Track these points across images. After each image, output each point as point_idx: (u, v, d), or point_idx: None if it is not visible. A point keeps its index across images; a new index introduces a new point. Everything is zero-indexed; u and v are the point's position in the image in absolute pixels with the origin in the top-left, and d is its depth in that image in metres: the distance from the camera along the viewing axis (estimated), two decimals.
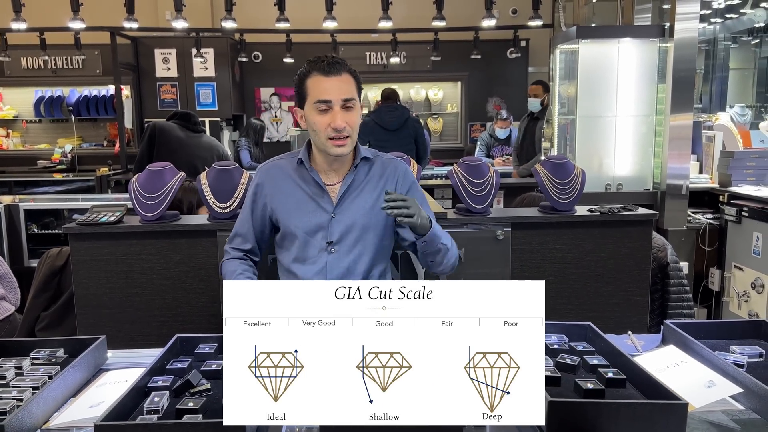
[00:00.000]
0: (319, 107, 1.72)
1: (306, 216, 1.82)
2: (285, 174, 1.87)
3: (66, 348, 1.38)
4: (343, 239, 1.81)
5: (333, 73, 1.73)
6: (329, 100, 1.71)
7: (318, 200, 1.82)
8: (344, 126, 1.71)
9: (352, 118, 1.74)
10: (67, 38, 6.57)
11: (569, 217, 2.27)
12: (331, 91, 1.72)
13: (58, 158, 7.34)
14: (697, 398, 1.13)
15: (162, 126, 4.00)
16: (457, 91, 8.19)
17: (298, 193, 1.84)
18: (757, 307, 3.70)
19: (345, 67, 1.76)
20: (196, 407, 1.08)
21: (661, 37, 4.09)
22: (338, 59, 1.77)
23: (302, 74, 1.78)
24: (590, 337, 1.40)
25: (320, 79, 1.73)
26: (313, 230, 1.82)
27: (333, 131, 1.72)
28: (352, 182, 1.83)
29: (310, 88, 1.75)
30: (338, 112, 1.71)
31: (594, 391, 1.12)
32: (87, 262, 2.19)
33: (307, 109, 1.77)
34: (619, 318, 2.28)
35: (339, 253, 1.81)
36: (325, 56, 1.77)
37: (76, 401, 1.22)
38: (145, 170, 2.27)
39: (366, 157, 1.86)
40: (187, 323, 2.23)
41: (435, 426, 1.01)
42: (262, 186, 1.89)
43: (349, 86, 1.74)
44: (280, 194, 1.86)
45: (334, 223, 1.81)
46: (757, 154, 4.18)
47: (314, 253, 1.82)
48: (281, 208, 1.85)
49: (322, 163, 1.83)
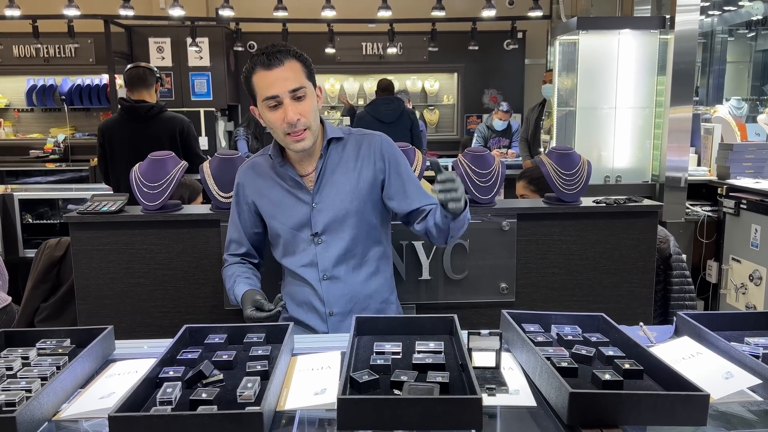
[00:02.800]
0: (269, 104, 1.65)
1: (287, 211, 1.78)
2: (262, 172, 1.83)
3: (73, 338, 1.36)
4: (328, 228, 1.76)
5: (275, 64, 1.62)
6: (276, 95, 1.63)
7: (296, 193, 1.78)
8: (297, 118, 1.64)
9: (306, 108, 1.66)
10: (60, 26, 6.48)
11: (575, 208, 2.26)
12: (276, 85, 1.62)
13: (50, 148, 7.26)
14: (716, 389, 1.12)
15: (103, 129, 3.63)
16: (453, 82, 8.16)
17: (276, 189, 1.80)
18: (755, 300, 3.72)
19: (288, 54, 1.65)
20: (210, 398, 1.07)
21: (661, 29, 4.08)
22: (280, 47, 1.66)
23: (247, 72, 1.69)
24: (603, 328, 1.39)
25: (263, 75, 1.64)
26: (297, 224, 1.78)
27: (288, 126, 1.65)
28: (325, 167, 1.76)
29: (256, 85, 1.67)
30: (288, 104, 1.63)
31: (612, 382, 1.11)
32: (88, 252, 2.16)
33: (260, 107, 1.70)
34: (624, 309, 2.28)
35: (326, 243, 1.77)
36: (266, 47, 1.67)
37: (86, 392, 1.19)
38: (146, 159, 2.24)
39: (336, 137, 1.78)
40: (190, 314, 2.20)
41: (455, 398, 1.00)
42: (243, 186, 1.85)
43: (295, 74, 1.64)
44: (259, 193, 1.82)
45: (315, 213, 1.77)
46: (755, 147, 4.19)
47: (303, 246, 1.79)
48: (263, 207, 1.82)
49: (293, 155, 1.77)
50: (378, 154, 1.79)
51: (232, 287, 1.81)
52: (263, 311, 1.64)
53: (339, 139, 1.79)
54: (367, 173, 1.78)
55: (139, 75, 3.64)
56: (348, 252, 1.78)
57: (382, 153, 1.79)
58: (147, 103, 3.59)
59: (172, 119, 3.61)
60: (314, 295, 1.81)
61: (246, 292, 1.73)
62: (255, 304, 1.65)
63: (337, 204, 1.76)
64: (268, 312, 1.63)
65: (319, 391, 1.17)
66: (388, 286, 1.89)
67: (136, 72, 3.66)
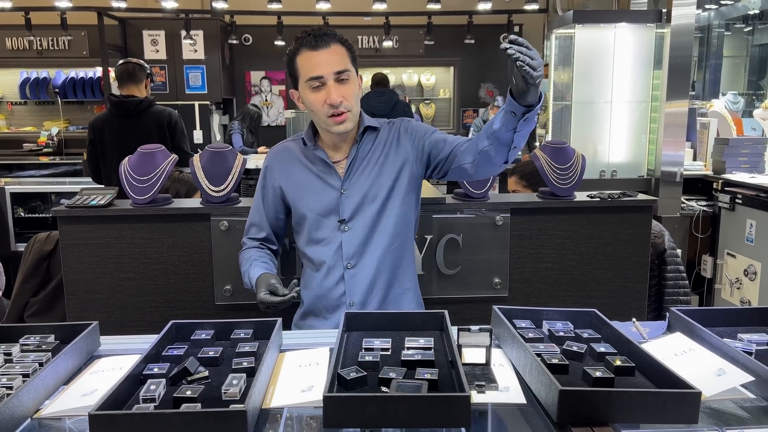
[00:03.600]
0: (312, 85, 1.65)
1: (315, 196, 1.75)
2: (292, 156, 1.81)
3: (57, 334, 1.34)
4: (356, 215, 1.74)
5: (321, 45, 1.63)
6: (321, 75, 1.63)
7: (325, 178, 1.75)
8: (340, 100, 1.64)
9: (349, 90, 1.66)
10: (53, 18, 6.43)
11: (569, 202, 2.24)
12: (321, 66, 1.63)
13: (44, 141, 7.22)
14: (708, 386, 1.10)
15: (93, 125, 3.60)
16: (449, 76, 8.14)
17: (305, 173, 1.78)
18: (750, 294, 3.71)
19: (334, 37, 1.66)
20: (194, 396, 1.04)
21: (657, 23, 4.05)
22: (326, 30, 1.67)
23: (291, 53, 1.69)
24: (596, 324, 1.37)
25: (309, 55, 1.64)
26: (324, 210, 1.75)
27: (330, 108, 1.64)
28: (356, 154, 1.75)
29: (301, 66, 1.67)
30: (332, 86, 1.63)
31: (603, 380, 1.09)
32: (76, 246, 2.14)
33: (302, 89, 1.69)
34: (618, 305, 2.27)
35: (353, 230, 1.74)
36: (312, 29, 1.67)
37: (69, 389, 1.17)
38: (136, 152, 2.21)
39: (371, 126, 1.77)
40: (180, 309, 2.18)
41: (443, 395, 0.98)
42: (271, 169, 1.83)
43: (340, 57, 1.65)
44: (288, 177, 1.79)
45: (344, 199, 1.74)
46: (751, 142, 4.18)
47: (328, 233, 1.75)
48: (290, 191, 1.79)
49: (327, 141, 1.77)
50: (403, 135, 1.78)
51: (247, 270, 1.78)
52: (277, 296, 1.60)
53: (374, 128, 1.78)
54: (396, 159, 1.76)
55: (128, 71, 3.62)
56: (374, 241, 1.75)
57: (406, 131, 1.79)
58: (136, 98, 3.56)
59: (161, 112, 3.60)
60: (335, 285, 1.77)
61: (261, 276, 1.70)
62: (269, 288, 1.62)
63: (366, 191, 1.73)
64: (282, 297, 1.59)
65: (306, 389, 1.15)
66: (410, 276, 1.85)
67: (125, 68, 3.63)
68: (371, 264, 1.75)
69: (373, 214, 1.74)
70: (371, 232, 1.74)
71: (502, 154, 1.60)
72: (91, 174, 3.69)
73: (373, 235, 1.74)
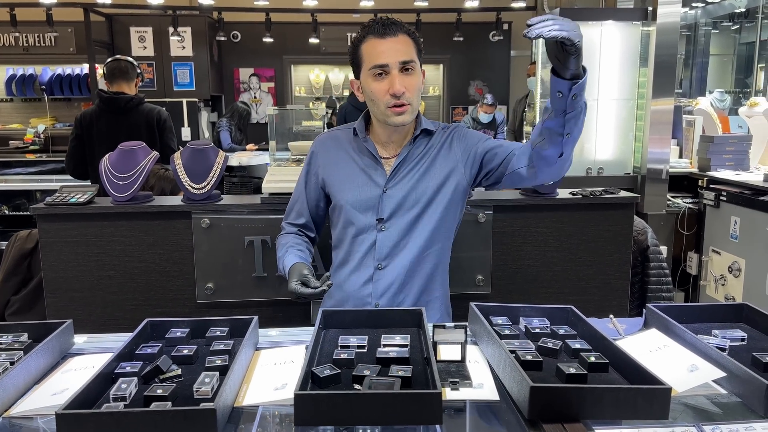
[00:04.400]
0: (376, 72, 1.60)
1: (356, 189, 1.70)
2: (340, 144, 1.76)
3: (30, 333, 1.33)
4: (395, 216, 1.68)
5: (389, 34, 1.59)
6: (386, 63, 1.58)
7: (370, 173, 1.70)
8: (403, 91, 1.58)
9: (413, 82, 1.61)
10: (38, 14, 6.37)
11: (551, 200, 2.24)
12: (387, 54, 1.58)
13: (30, 138, 7.15)
14: (680, 382, 1.11)
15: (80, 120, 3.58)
16: (438, 73, 8.13)
17: (351, 164, 1.73)
18: (734, 291, 3.74)
19: (402, 28, 1.62)
20: (165, 394, 1.04)
21: (643, 21, 4.07)
22: (394, 20, 1.63)
23: (356, 40, 1.65)
24: (572, 320, 1.37)
25: (375, 43, 1.60)
26: (363, 205, 1.70)
27: (392, 98, 1.59)
28: (408, 154, 1.70)
29: (365, 53, 1.62)
30: (396, 75, 1.58)
31: (576, 376, 1.09)
32: (56, 244, 2.12)
33: (363, 78, 1.64)
34: (600, 301, 2.28)
35: (390, 230, 1.68)
36: (380, 18, 1.64)
37: (40, 388, 1.16)
38: (116, 149, 2.20)
39: (427, 129, 1.73)
40: (162, 307, 2.17)
41: (414, 392, 0.98)
42: (316, 155, 1.79)
43: (407, 48, 1.61)
44: (332, 165, 1.75)
45: (385, 198, 1.68)
46: (736, 139, 4.20)
47: (363, 230, 1.70)
48: (332, 180, 1.74)
49: (380, 135, 1.72)
50: (455, 141, 1.73)
51: (282, 256, 1.72)
52: (308, 287, 1.55)
53: (429, 132, 1.74)
54: (444, 165, 1.71)
55: (121, 67, 3.60)
56: (410, 244, 1.69)
57: (459, 138, 1.74)
58: (126, 95, 3.55)
59: (150, 110, 3.59)
60: (363, 284, 1.72)
61: (294, 265, 1.64)
62: (301, 278, 1.57)
63: (407, 194, 1.68)
64: (313, 289, 1.53)
65: (279, 386, 1.15)
66: (441, 285, 1.78)
67: (117, 64, 3.61)
68: (402, 268, 1.70)
69: (411, 218, 1.68)
70: (406, 236, 1.69)
71: (556, 145, 1.50)
72: (71, 169, 3.64)
73: (409, 239, 1.69)
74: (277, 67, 7.94)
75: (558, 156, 1.52)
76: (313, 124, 3.06)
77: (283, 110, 3.00)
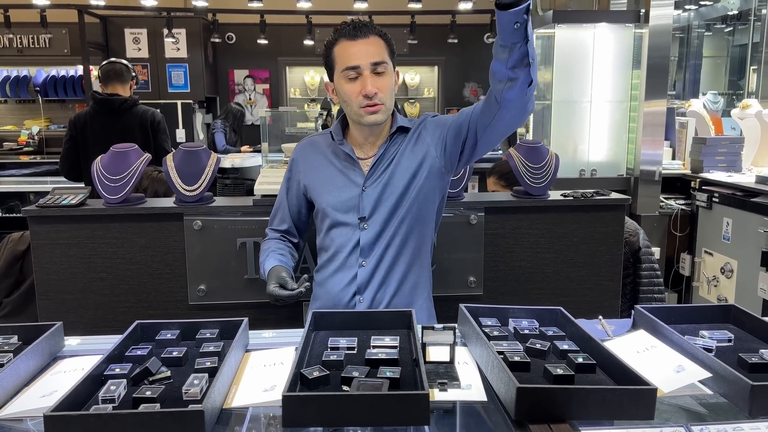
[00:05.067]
0: (348, 75, 1.63)
1: (335, 191, 1.73)
2: (318, 149, 1.80)
3: (20, 335, 1.33)
4: (375, 214, 1.71)
5: (360, 36, 1.63)
6: (357, 65, 1.62)
7: (348, 174, 1.73)
8: (375, 92, 1.62)
9: (384, 83, 1.64)
10: (32, 16, 6.35)
11: (542, 201, 2.25)
12: (358, 56, 1.62)
13: (25, 140, 7.14)
14: (666, 383, 1.12)
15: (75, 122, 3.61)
16: (434, 75, 8.16)
17: (329, 168, 1.76)
18: (726, 292, 3.76)
19: (373, 29, 1.65)
20: (153, 396, 1.04)
21: (636, 23, 4.09)
22: (365, 22, 1.67)
23: (329, 43, 1.68)
24: (561, 322, 1.38)
25: (346, 45, 1.63)
26: (344, 206, 1.73)
27: (364, 99, 1.62)
28: (384, 152, 1.73)
29: (337, 55, 1.66)
30: (368, 77, 1.62)
31: (563, 377, 1.10)
32: (48, 246, 2.12)
33: (337, 80, 1.68)
34: (591, 303, 2.28)
35: (371, 229, 1.72)
36: (352, 20, 1.67)
37: (29, 390, 1.16)
38: (108, 151, 2.20)
39: (403, 127, 1.75)
40: (154, 309, 2.17)
41: (401, 393, 0.99)
42: (296, 162, 1.82)
43: (378, 49, 1.64)
44: (311, 170, 1.78)
45: (364, 197, 1.71)
46: (728, 141, 4.22)
47: (347, 230, 1.73)
48: (312, 185, 1.78)
49: (357, 136, 1.75)
50: (423, 131, 1.76)
51: (263, 261, 1.77)
52: (286, 289, 1.59)
53: (405, 129, 1.76)
54: (414, 155, 1.73)
55: (116, 69, 3.62)
56: (391, 241, 1.72)
57: (426, 127, 1.76)
58: (120, 97, 3.56)
59: (144, 112, 3.60)
60: (348, 284, 1.75)
61: (273, 268, 1.69)
62: (279, 281, 1.62)
63: (388, 191, 1.71)
64: (290, 291, 1.58)
65: (268, 388, 1.15)
66: (424, 280, 1.82)
67: (112, 66, 3.63)
68: (383, 260, 1.73)
69: (393, 215, 1.71)
70: (386, 229, 1.72)
71: (525, 75, 1.46)
72: (66, 171, 3.66)
73: (388, 231, 1.72)
74: (271, 69, 7.94)
75: (528, 86, 1.48)
76: (307, 126, 3.07)
77: (276, 112, 3.01)
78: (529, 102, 1.55)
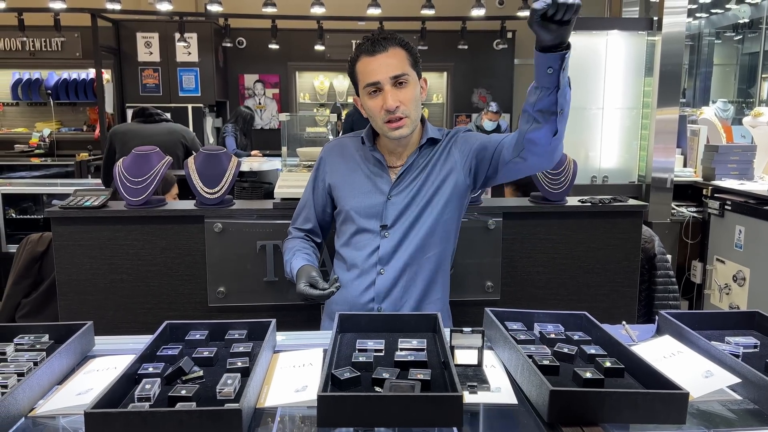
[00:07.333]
0: (369, 90, 1.63)
1: (360, 196, 1.73)
2: (348, 151, 1.79)
3: (51, 334, 1.34)
4: (398, 222, 1.71)
5: (379, 50, 1.61)
6: (377, 81, 1.61)
7: (376, 180, 1.73)
8: (396, 105, 1.61)
9: (406, 95, 1.63)
10: (46, 19, 6.41)
11: (560, 207, 2.26)
12: (378, 71, 1.61)
13: (36, 142, 7.19)
14: (696, 388, 1.12)
15: (116, 129, 4.18)
16: (442, 81, 8.17)
17: (357, 172, 1.76)
18: (739, 300, 3.75)
19: (393, 41, 1.63)
20: (189, 395, 1.05)
21: (649, 30, 4.10)
22: (386, 34, 1.65)
23: (351, 60, 1.68)
24: (586, 326, 1.39)
25: (367, 61, 1.63)
26: (367, 212, 1.72)
27: (386, 113, 1.62)
28: (412, 163, 1.73)
29: (359, 72, 1.66)
30: (389, 91, 1.61)
31: (593, 380, 1.11)
32: (70, 247, 2.14)
33: (361, 95, 1.68)
34: (608, 308, 2.29)
35: (392, 237, 1.71)
36: (372, 34, 1.66)
37: (63, 388, 1.18)
38: (130, 154, 2.22)
39: (433, 138, 1.75)
40: (173, 310, 2.18)
41: (435, 395, 1.00)
42: (324, 161, 1.82)
43: (398, 61, 1.62)
44: (339, 171, 1.78)
45: (389, 205, 1.71)
46: (740, 149, 4.22)
47: (368, 236, 1.73)
48: (338, 186, 1.78)
49: (387, 144, 1.75)
50: (454, 145, 1.75)
51: (290, 260, 1.76)
52: (317, 289, 1.58)
53: (436, 140, 1.75)
54: (442, 168, 1.73)
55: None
56: (411, 251, 1.71)
57: (457, 141, 1.76)
58: (155, 109, 4.24)
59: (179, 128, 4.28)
60: (366, 290, 1.74)
61: (303, 267, 1.67)
62: (310, 280, 1.60)
63: (413, 202, 1.71)
64: (321, 291, 1.56)
65: (300, 388, 1.16)
66: (442, 290, 1.81)
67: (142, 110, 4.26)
68: (403, 272, 1.72)
69: (415, 225, 1.71)
70: (407, 239, 1.71)
71: (550, 124, 1.46)
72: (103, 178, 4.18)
73: (409, 242, 1.71)
74: (281, 74, 7.98)
75: (552, 135, 1.48)
76: (317, 131, 3.08)
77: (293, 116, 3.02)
78: (554, 152, 1.54)
